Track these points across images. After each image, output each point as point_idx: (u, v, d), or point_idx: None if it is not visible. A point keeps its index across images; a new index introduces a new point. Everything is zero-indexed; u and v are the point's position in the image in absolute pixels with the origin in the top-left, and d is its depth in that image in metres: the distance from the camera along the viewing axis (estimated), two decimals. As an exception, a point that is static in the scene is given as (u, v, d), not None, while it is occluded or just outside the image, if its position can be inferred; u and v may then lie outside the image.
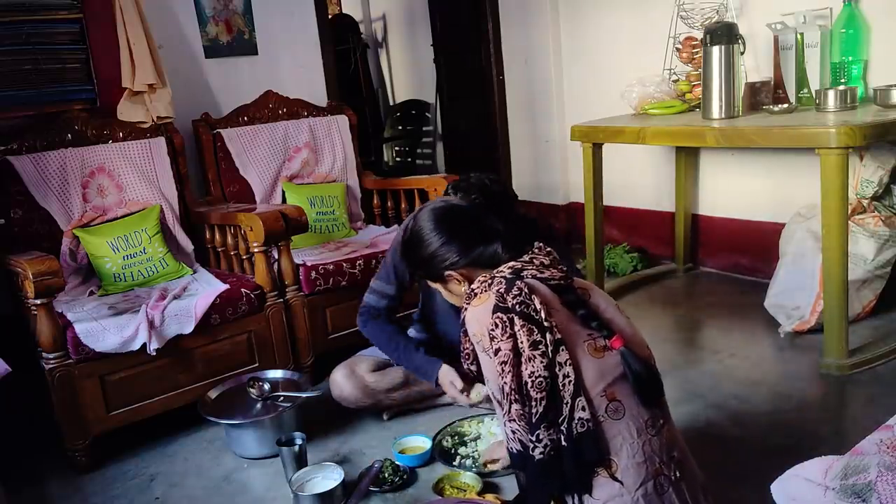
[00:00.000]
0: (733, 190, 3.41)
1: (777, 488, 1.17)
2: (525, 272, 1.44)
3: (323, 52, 3.71)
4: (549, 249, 1.51)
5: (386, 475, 1.99)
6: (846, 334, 2.40)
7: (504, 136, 4.53)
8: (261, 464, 2.19)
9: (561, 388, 1.33)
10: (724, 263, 3.54)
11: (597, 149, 3.11)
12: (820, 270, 2.53)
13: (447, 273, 1.57)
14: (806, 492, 1.10)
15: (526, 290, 1.38)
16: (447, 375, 2.11)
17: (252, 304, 2.49)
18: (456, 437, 2.16)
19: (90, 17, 2.87)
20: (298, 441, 2.05)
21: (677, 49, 3.23)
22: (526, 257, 1.48)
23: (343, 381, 2.29)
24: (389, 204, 3.46)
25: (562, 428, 1.33)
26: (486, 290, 1.43)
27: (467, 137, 4.97)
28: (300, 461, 2.03)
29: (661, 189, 3.70)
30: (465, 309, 1.46)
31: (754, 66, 3.09)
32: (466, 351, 1.50)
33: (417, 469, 2.06)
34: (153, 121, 2.95)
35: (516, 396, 1.34)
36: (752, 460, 1.94)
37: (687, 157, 3.48)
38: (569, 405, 1.33)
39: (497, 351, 1.35)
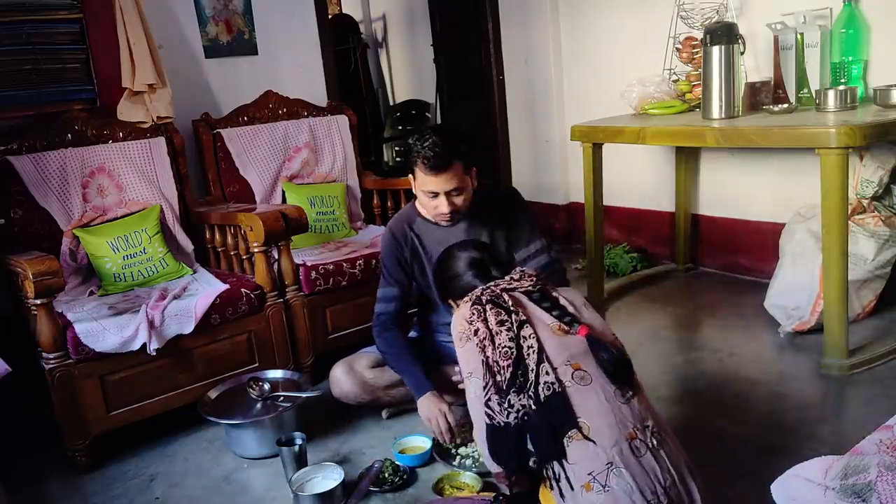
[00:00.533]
0: (733, 190, 3.41)
1: (777, 488, 1.17)
2: (499, 287, 1.68)
3: (323, 52, 3.71)
4: (522, 270, 1.75)
5: (386, 475, 1.99)
6: (846, 334, 2.40)
7: (504, 136, 4.53)
8: (261, 464, 2.19)
9: (526, 357, 1.50)
10: (724, 263, 3.54)
11: (597, 149, 3.11)
12: (820, 270, 2.52)
13: (450, 301, 1.87)
14: (806, 492, 1.10)
15: (497, 290, 1.65)
16: (429, 406, 2.09)
17: (252, 304, 2.49)
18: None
19: (90, 17, 2.87)
20: (298, 441, 2.05)
21: (677, 49, 3.23)
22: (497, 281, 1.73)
23: (342, 377, 2.30)
24: (389, 204, 3.46)
25: (530, 393, 1.46)
26: (467, 301, 1.69)
27: (467, 137, 4.97)
28: (300, 461, 2.03)
29: (660, 189, 3.69)
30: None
31: (754, 66, 3.09)
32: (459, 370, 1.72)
33: (417, 469, 2.06)
34: (153, 121, 2.95)
35: (498, 367, 1.51)
36: (752, 460, 1.94)
37: (687, 157, 3.48)
38: (534, 371, 1.48)
39: (476, 331, 1.57)
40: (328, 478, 1.95)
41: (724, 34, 2.64)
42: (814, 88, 2.73)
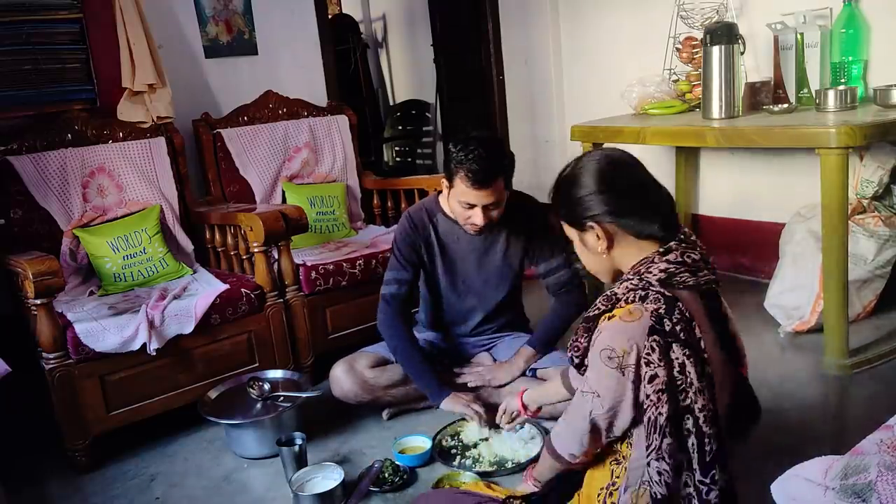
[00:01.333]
0: (733, 190, 3.40)
1: (777, 488, 1.17)
2: (679, 277, 1.27)
3: (323, 52, 3.71)
4: (693, 238, 1.34)
5: (386, 475, 1.99)
6: (846, 334, 2.40)
7: (504, 137, 4.53)
8: (261, 464, 2.19)
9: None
10: (724, 263, 3.53)
11: (597, 149, 3.11)
12: (820, 270, 2.52)
13: (589, 224, 1.36)
14: (806, 492, 1.10)
15: (688, 314, 1.23)
16: (455, 404, 2.15)
17: (252, 304, 2.49)
18: (456, 437, 2.16)
19: (90, 17, 2.88)
20: (298, 441, 2.05)
21: (677, 49, 3.23)
22: (676, 254, 1.29)
23: (342, 377, 2.30)
24: (389, 204, 3.46)
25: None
26: (636, 303, 1.25)
27: (467, 137, 4.97)
28: (300, 461, 2.03)
29: (660, 189, 3.69)
30: (606, 318, 1.28)
31: (754, 66, 3.09)
32: (577, 345, 1.35)
33: (417, 469, 2.06)
34: (153, 121, 2.95)
35: (671, 429, 1.20)
36: (752, 459, 1.94)
37: (687, 157, 3.48)
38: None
39: (653, 378, 1.20)
40: (328, 478, 1.95)
41: (724, 34, 2.64)
42: (814, 88, 2.73)
